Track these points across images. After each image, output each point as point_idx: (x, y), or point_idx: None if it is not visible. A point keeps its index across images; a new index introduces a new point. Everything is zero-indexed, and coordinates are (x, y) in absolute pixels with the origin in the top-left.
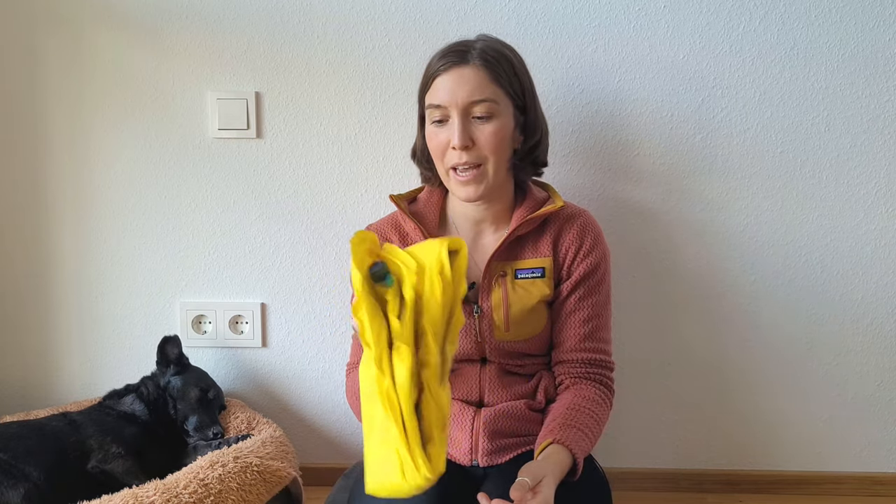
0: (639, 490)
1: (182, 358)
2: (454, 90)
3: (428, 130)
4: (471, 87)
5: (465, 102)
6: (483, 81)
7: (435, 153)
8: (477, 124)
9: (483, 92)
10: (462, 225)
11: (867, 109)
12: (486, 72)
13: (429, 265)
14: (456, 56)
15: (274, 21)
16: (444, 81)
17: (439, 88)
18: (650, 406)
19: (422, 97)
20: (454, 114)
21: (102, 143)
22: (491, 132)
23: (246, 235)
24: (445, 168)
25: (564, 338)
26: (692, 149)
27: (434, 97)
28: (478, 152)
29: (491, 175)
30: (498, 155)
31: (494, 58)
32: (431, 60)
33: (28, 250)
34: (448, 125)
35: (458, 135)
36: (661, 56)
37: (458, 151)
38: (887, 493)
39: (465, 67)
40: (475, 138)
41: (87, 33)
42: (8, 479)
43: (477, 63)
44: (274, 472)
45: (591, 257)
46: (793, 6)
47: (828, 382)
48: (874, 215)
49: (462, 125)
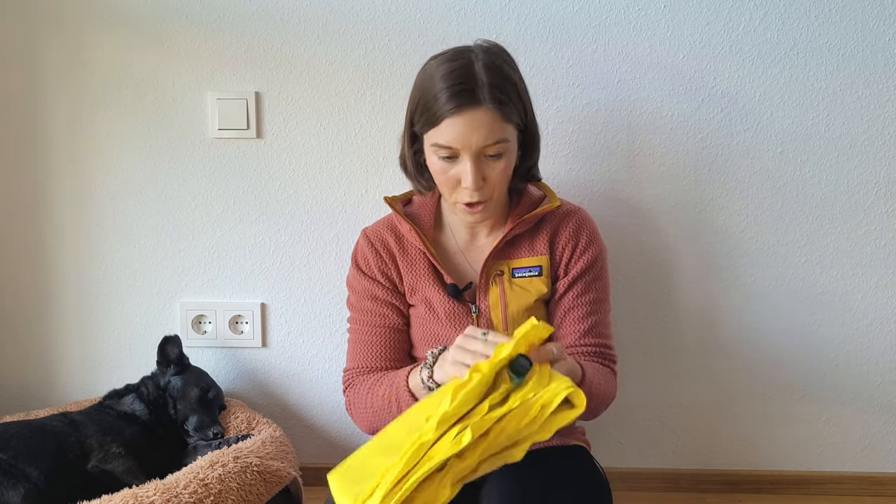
0: (638, 490)
1: (182, 358)
2: (467, 135)
3: (434, 163)
4: (485, 132)
5: (479, 147)
6: (496, 124)
7: (442, 185)
8: (488, 162)
9: (496, 135)
10: (457, 227)
11: (867, 109)
12: (499, 113)
13: (541, 410)
14: (466, 97)
15: (274, 21)
16: (455, 125)
17: (449, 130)
18: (650, 406)
19: (422, 127)
20: (466, 156)
21: (102, 143)
22: (501, 169)
23: (246, 235)
24: (454, 199)
25: (565, 333)
26: (692, 149)
27: (443, 138)
28: (489, 189)
29: (496, 202)
30: (504, 184)
31: (503, 90)
32: (433, 87)
33: (28, 250)
34: (458, 163)
35: (472, 178)
36: (661, 56)
37: (469, 191)
38: (887, 493)
39: (477, 110)
40: (486, 176)
41: (87, 33)
42: (8, 479)
43: (489, 105)
44: (274, 472)
45: (588, 253)
46: (793, 6)
47: (828, 382)
48: (874, 215)
49: (475, 169)
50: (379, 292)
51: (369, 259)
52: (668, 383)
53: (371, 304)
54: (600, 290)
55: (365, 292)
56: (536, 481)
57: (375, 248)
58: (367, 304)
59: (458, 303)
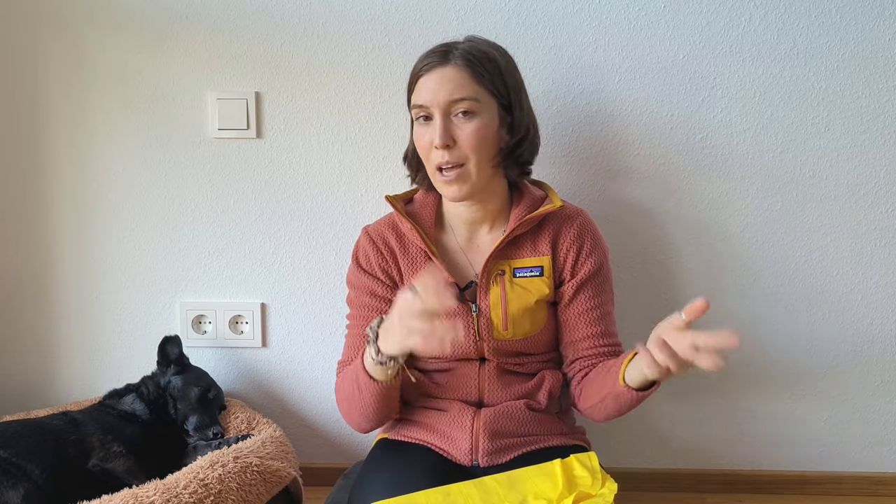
0: (638, 490)
1: (182, 358)
2: (435, 90)
3: (415, 130)
4: (451, 87)
5: (446, 101)
6: (463, 80)
7: (422, 153)
8: (458, 123)
9: (463, 91)
10: (458, 226)
11: (867, 109)
12: (467, 71)
13: None
14: (438, 56)
15: (274, 21)
16: (427, 81)
17: (422, 88)
18: (649, 406)
19: (407, 99)
20: (436, 113)
21: (103, 143)
22: (471, 131)
23: (246, 235)
24: (432, 168)
25: (577, 338)
26: (692, 149)
27: (417, 97)
28: (459, 151)
29: (474, 174)
30: (479, 154)
31: (477, 57)
32: (416, 61)
33: (28, 250)
34: (431, 124)
35: (439, 133)
36: (661, 56)
37: (440, 150)
38: (887, 493)
39: (446, 67)
40: (456, 137)
41: (87, 34)
42: (8, 478)
43: (458, 63)
44: (274, 472)
45: (594, 258)
46: (793, 6)
47: (828, 382)
48: (874, 215)
49: (443, 125)
50: (378, 289)
51: (370, 256)
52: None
53: (370, 299)
54: (608, 293)
55: (364, 288)
56: None
57: (377, 246)
58: (366, 300)
59: (458, 302)
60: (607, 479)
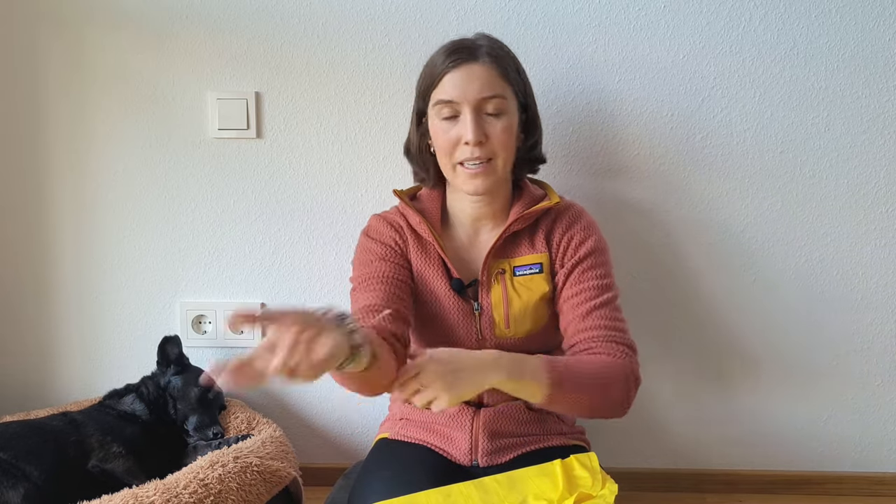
0: (638, 490)
1: (182, 358)
2: (465, 86)
3: (436, 127)
4: (482, 83)
5: (477, 98)
6: (494, 77)
7: (443, 149)
8: (489, 120)
9: (494, 88)
10: (462, 222)
11: (867, 109)
12: (496, 68)
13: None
14: (465, 53)
15: (274, 21)
16: (455, 78)
17: (449, 85)
18: (649, 406)
19: (425, 94)
20: (466, 110)
21: (103, 143)
22: (502, 128)
23: (246, 235)
24: (453, 163)
25: (569, 320)
26: (692, 149)
27: (444, 93)
28: (490, 147)
29: (500, 170)
30: (507, 151)
31: (501, 55)
32: (435, 58)
33: (28, 250)
34: (459, 121)
35: (472, 130)
36: (661, 56)
37: (470, 147)
38: (887, 493)
39: (475, 64)
40: (488, 134)
41: (87, 34)
42: (8, 479)
43: (486, 60)
44: (274, 472)
45: (585, 244)
46: (793, 6)
47: (828, 382)
48: (874, 215)
49: (475, 121)
50: (389, 255)
51: (383, 231)
52: (667, 383)
53: (379, 263)
54: (601, 277)
55: (374, 254)
56: None
57: (392, 225)
58: (375, 264)
59: (461, 299)
60: (608, 479)
